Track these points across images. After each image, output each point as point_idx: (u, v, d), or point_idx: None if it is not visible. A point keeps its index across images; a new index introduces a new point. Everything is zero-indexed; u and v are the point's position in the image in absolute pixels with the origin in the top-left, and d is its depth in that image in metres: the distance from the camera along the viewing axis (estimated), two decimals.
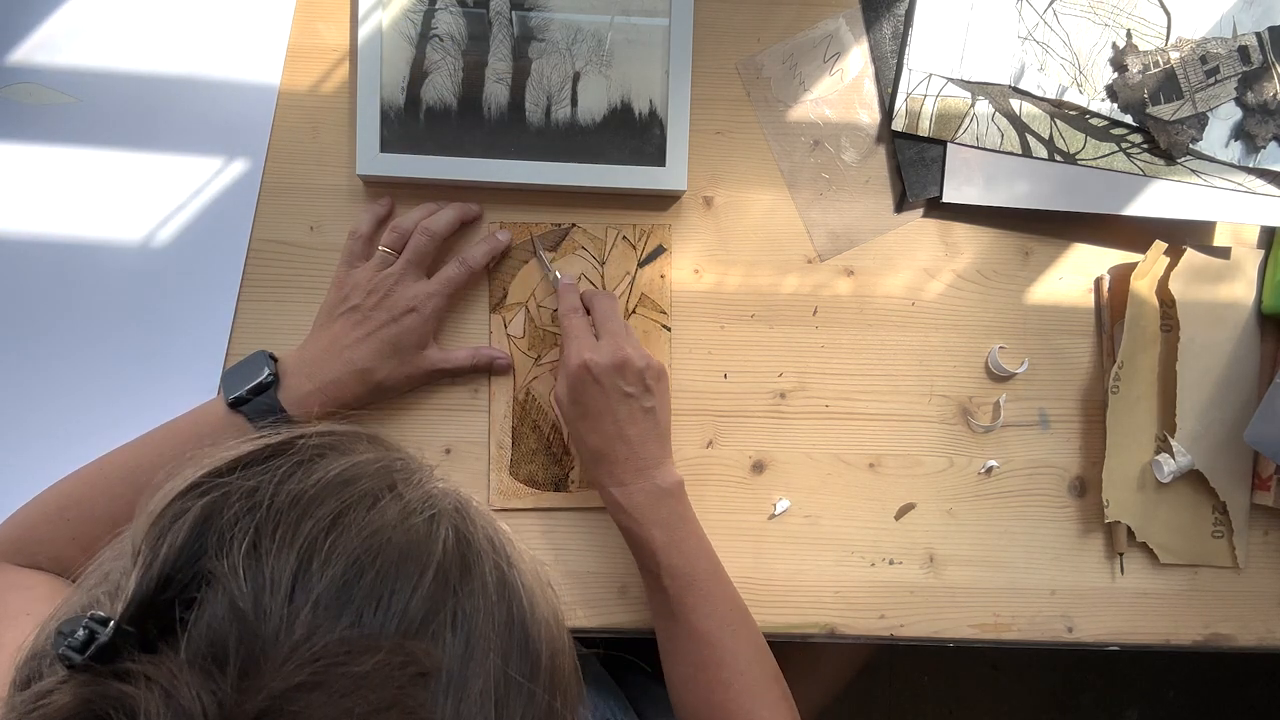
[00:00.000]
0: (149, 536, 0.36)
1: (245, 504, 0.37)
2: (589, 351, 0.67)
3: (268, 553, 0.35)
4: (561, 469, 0.76)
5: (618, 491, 0.67)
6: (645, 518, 0.66)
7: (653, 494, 0.67)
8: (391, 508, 0.39)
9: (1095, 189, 0.77)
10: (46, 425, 0.73)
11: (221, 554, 0.35)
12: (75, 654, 0.32)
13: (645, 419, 0.68)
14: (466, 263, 0.72)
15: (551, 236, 0.76)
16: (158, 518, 0.37)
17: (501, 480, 0.75)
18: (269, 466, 0.39)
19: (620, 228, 0.76)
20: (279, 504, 0.37)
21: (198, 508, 0.36)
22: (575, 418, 0.68)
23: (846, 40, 0.78)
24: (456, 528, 0.40)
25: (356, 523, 0.37)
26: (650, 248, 0.77)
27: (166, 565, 0.34)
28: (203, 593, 0.34)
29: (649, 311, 0.76)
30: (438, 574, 0.38)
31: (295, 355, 0.69)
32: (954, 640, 0.78)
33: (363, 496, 0.38)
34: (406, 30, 0.73)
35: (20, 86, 0.74)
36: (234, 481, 0.38)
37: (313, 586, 0.35)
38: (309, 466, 0.39)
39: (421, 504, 0.40)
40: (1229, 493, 0.79)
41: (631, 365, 0.67)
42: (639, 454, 0.67)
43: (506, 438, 0.75)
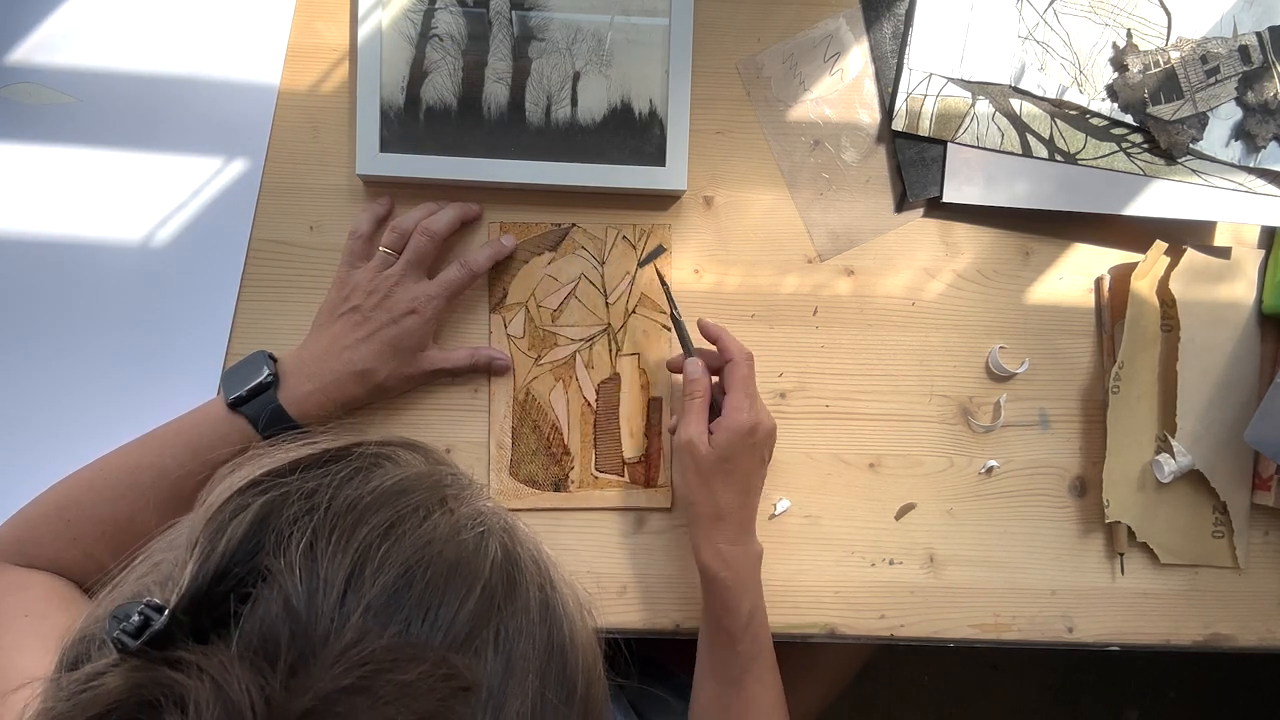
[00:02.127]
0: (207, 529, 0.36)
1: (303, 505, 0.37)
2: (753, 413, 0.68)
3: (323, 554, 0.36)
4: (561, 469, 0.76)
5: (727, 549, 0.68)
6: (743, 580, 0.68)
7: (754, 557, 0.69)
8: (443, 521, 0.39)
9: (1095, 189, 0.77)
10: (46, 425, 0.73)
11: (279, 552, 0.35)
12: (129, 638, 0.32)
13: (760, 487, 0.71)
14: (468, 265, 0.72)
15: (551, 237, 0.76)
16: (217, 511, 0.37)
17: (501, 480, 0.75)
18: (328, 471, 0.39)
19: (620, 228, 0.76)
20: (336, 508, 0.37)
21: (257, 505, 0.37)
22: (716, 472, 0.67)
23: (847, 40, 0.78)
24: (504, 546, 0.41)
25: (409, 533, 0.38)
26: (650, 248, 0.77)
27: (224, 558, 0.35)
28: (258, 589, 0.34)
29: (649, 311, 0.76)
30: (484, 591, 0.38)
31: (295, 355, 0.69)
32: (954, 640, 0.78)
33: (416, 508, 0.39)
34: (406, 30, 0.73)
35: (20, 86, 0.74)
36: (293, 482, 0.38)
37: (364, 592, 0.35)
38: (366, 474, 0.40)
39: (471, 520, 0.41)
40: (1229, 493, 0.79)
41: (774, 435, 0.70)
42: (749, 519, 0.70)
43: (506, 438, 0.75)
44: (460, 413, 0.75)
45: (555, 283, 0.76)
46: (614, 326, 0.76)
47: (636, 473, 0.76)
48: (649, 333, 0.77)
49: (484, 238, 0.76)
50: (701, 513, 0.68)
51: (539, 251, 0.76)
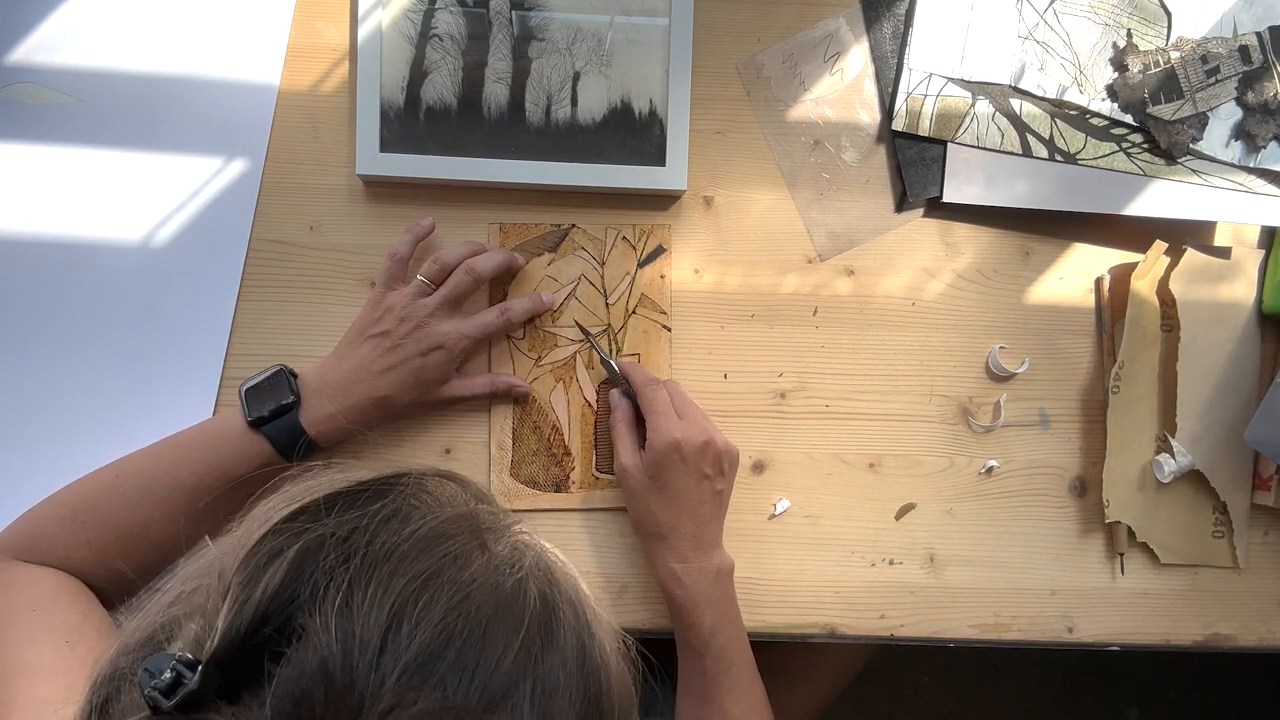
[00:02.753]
0: (240, 573, 0.35)
1: (340, 552, 0.36)
2: (679, 430, 0.68)
3: (358, 609, 0.35)
4: (562, 470, 0.76)
5: (679, 567, 0.68)
6: (700, 596, 0.68)
7: (710, 573, 0.69)
8: (480, 568, 0.38)
9: (1095, 189, 0.77)
10: (47, 424, 0.73)
11: (314, 606, 0.34)
12: (162, 697, 0.31)
13: (713, 501, 0.70)
14: (508, 314, 0.72)
15: (551, 237, 0.76)
16: (250, 552, 0.36)
17: (502, 481, 0.75)
18: (365, 512, 0.38)
19: (620, 228, 0.76)
20: (373, 556, 0.36)
21: (293, 552, 0.36)
22: (649, 491, 0.69)
23: (847, 40, 0.78)
24: (542, 591, 0.40)
25: (447, 585, 0.37)
26: (650, 248, 0.77)
27: (259, 609, 0.34)
28: (292, 648, 0.34)
29: (649, 312, 0.76)
30: (522, 644, 0.37)
31: (318, 374, 0.69)
32: (954, 640, 0.78)
33: (455, 556, 0.38)
34: (406, 30, 0.73)
35: (20, 86, 0.74)
36: (329, 524, 0.37)
37: (401, 652, 0.34)
38: (403, 516, 0.39)
39: (510, 563, 0.40)
40: (1229, 493, 0.79)
41: (714, 447, 0.69)
42: (703, 533, 0.69)
43: (507, 439, 0.75)
44: (461, 414, 0.75)
45: (555, 283, 0.76)
46: (614, 327, 0.76)
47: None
48: (649, 333, 0.77)
49: (483, 238, 0.76)
50: (648, 532, 0.70)
51: (539, 252, 0.76)
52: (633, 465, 0.70)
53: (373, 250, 0.75)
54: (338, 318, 0.74)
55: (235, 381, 0.73)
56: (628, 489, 0.71)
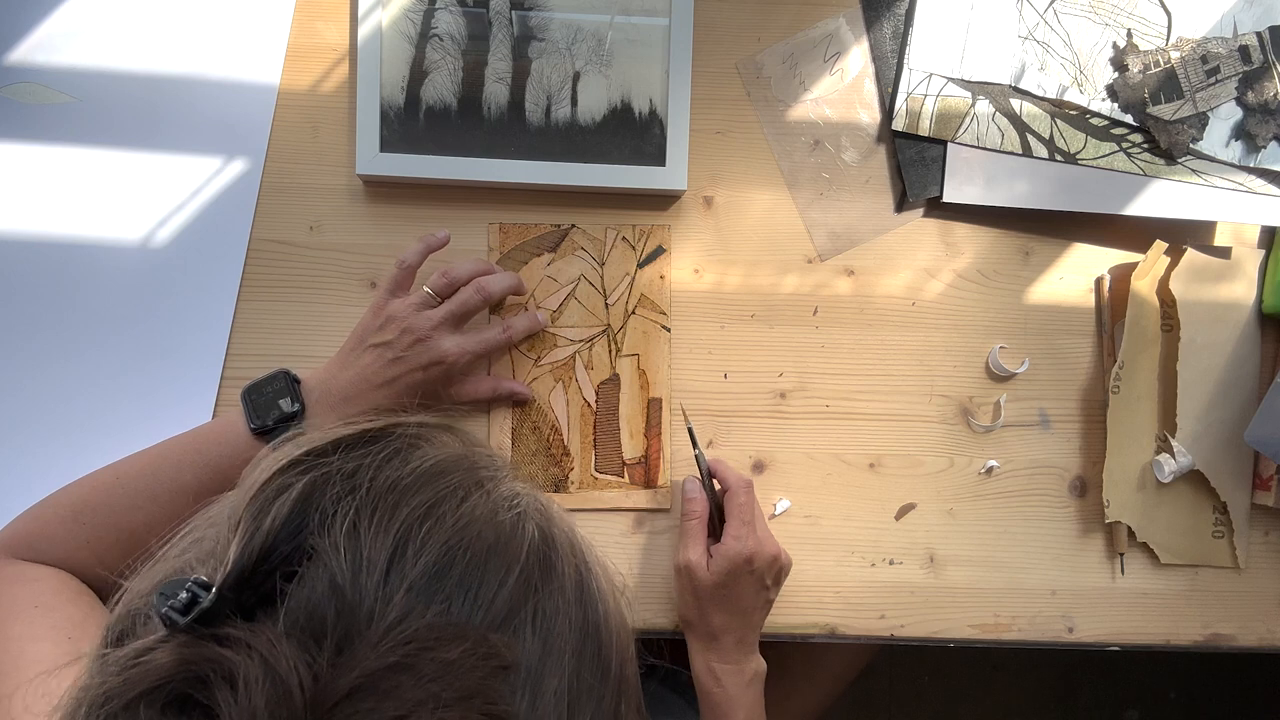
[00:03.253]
0: (250, 507, 0.37)
1: (345, 485, 0.38)
2: (753, 543, 0.69)
3: (366, 534, 0.36)
4: (561, 470, 0.76)
5: (720, 667, 0.70)
6: (738, 699, 0.69)
7: (747, 675, 0.70)
8: (480, 503, 0.40)
9: (1096, 189, 0.77)
10: (47, 424, 0.73)
11: (323, 531, 0.36)
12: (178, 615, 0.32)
13: (764, 609, 0.72)
14: (509, 332, 0.72)
15: (551, 237, 0.76)
16: (260, 490, 0.38)
17: None
18: (368, 451, 0.40)
19: (619, 228, 0.76)
20: (377, 488, 0.38)
21: (301, 484, 0.37)
22: (714, 597, 0.70)
23: (847, 40, 0.78)
24: (540, 527, 0.42)
25: (449, 514, 0.38)
26: (650, 248, 0.77)
27: (269, 537, 0.35)
28: (304, 567, 0.35)
29: (649, 312, 0.76)
30: (523, 571, 0.39)
31: (320, 383, 0.68)
32: (954, 640, 0.78)
33: (454, 490, 0.40)
34: (406, 30, 0.73)
35: (20, 86, 0.74)
36: (334, 462, 0.39)
37: (407, 571, 0.36)
38: (404, 455, 0.41)
39: (507, 501, 0.41)
40: (1230, 493, 0.79)
41: (779, 562, 0.71)
42: (751, 638, 0.71)
43: (506, 439, 0.75)
44: (459, 414, 0.75)
45: (555, 284, 0.76)
46: (614, 327, 0.76)
47: (636, 474, 0.76)
48: (649, 334, 0.77)
49: (482, 238, 0.76)
50: (697, 632, 0.71)
51: (538, 253, 0.76)
52: (700, 568, 0.70)
53: (373, 250, 0.75)
54: (338, 318, 0.74)
55: (235, 381, 0.73)
56: (688, 588, 0.71)
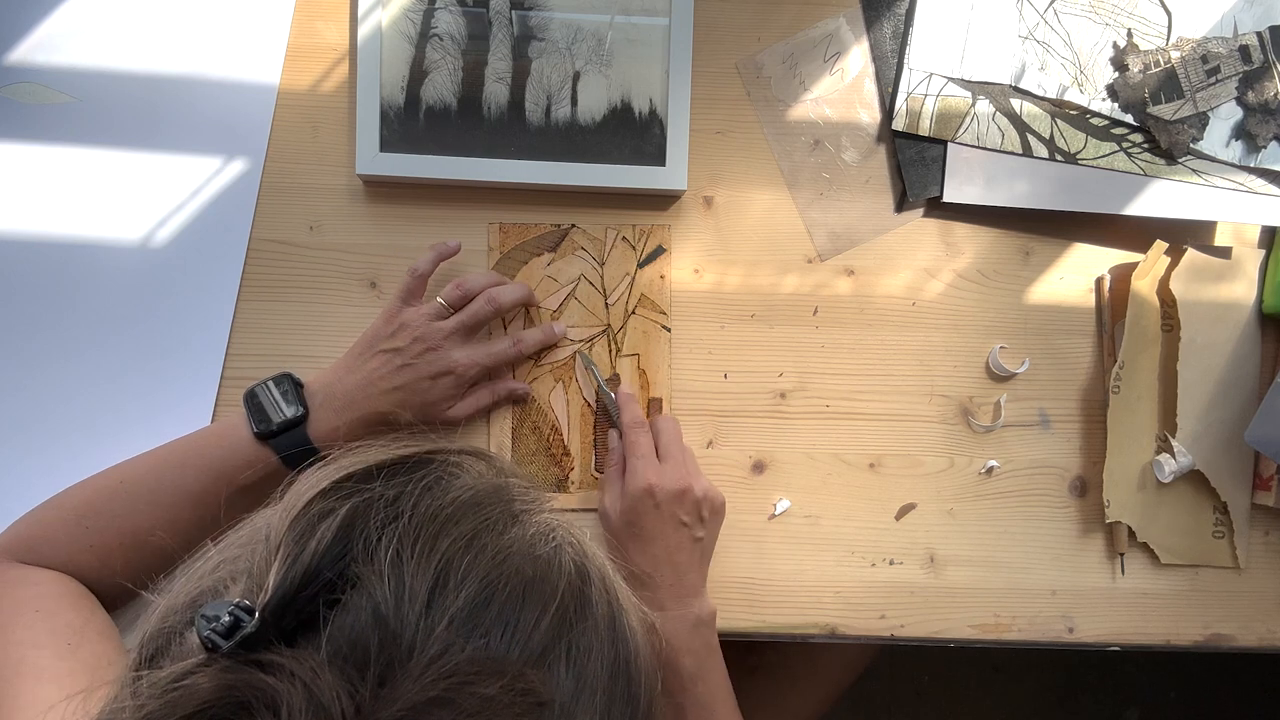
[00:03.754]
0: (292, 531, 0.37)
1: (389, 512, 0.38)
2: (654, 476, 0.68)
3: (409, 563, 0.36)
4: (561, 470, 0.76)
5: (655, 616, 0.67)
6: (679, 645, 0.67)
7: (689, 622, 0.68)
8: (519, 535, 0.40)
9: (1096, 189, 0.77)
10: (47, 424, 0.73)
11: (367, 558, 0.36)
12: (220, 639, 0.32)
13: (693, 548, 0.69)
14: (519, 345, 0.72)
15: (551, 237, 0.76)
16: (300, 513, 0.37)
17: None
18: (409, 479, 0.40)
19: (619, 228, 0.76)
20: (419, 516, 0.38)
21: (344, 510, 0.37)
22: (626, 537, 0.69)
23: (847, 40, 0.78)
24: (576, 562, 0.42)
25: (489, 546, 0.38)
26: (650, 248, 0.77)
27: (314, 560, 0.35)
28: (347, 594, 0.35)
29: (649, 312, 0.76)
30: (559, 607, 0.39)
31: (324, 386, 0.68)
32: (954, 640, 0.78)
33: (493, 522, 0.40)
34: (406, 30, 0.73)
35: (20, 86, 0.74)
36: (376, 488, 0.39)
37: (448, 604, 0.35)
38: (445, 484, 0.41)
39: (544, 534, 0.41)
40: (1230, 493, 0.78)
41: (692, 495, 0.69)
42: (681, 581, 0.68)
43: (506, 439, 0.75)
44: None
45: (555, 284, 0.76)
46: (614, 327, 0.76)
47: None
48: (649, 334, 0.77)
49: (483, 238, 0.76)
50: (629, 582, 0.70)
51: (538, 252, 0.76)
52: (611, 509, 0.70)
53: (373, 250, 0.75)
54: (338, 317, 0.74)
55: (235, 381, 0.73)
56: (607, 532, 0.71)
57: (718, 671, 0.69)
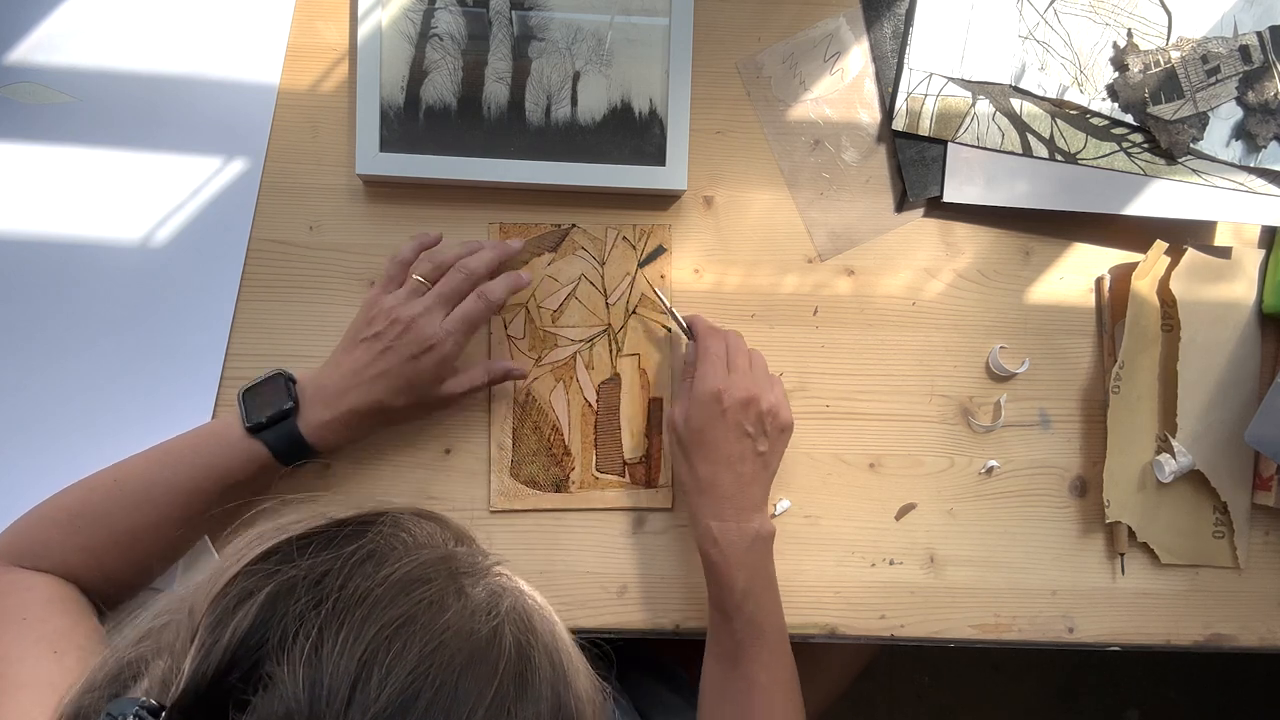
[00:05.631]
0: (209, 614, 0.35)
1: (312, 596, 0.35)
2: (722, 381, 0.67)
3: (329, 656, 0.34)
4: (562, 470, 0.76)
5: (716, 525, 0.67)
6: (735, 558, 0.67)
7: (748, 536, 0.67)
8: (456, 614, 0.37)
9: (1096, 189, 0.77)
10: (46, 424, 0.73)
11: (282, 654, 0.34)
12: None
13: (756, 461, 0.68)
14: (485, 296, 0.69)
15: (551, 237, 0.76)
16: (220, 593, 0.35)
17: (503, 482, 0.75)
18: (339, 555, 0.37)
19: (620, 228, 0.76)
20: (345, 600, 0.36)
21: (264, 595, 0.35)
22: (691, 443, 0.68)
23: (847, 40, 0.78)
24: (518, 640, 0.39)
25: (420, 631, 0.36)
26: (650, 248, 0.77)
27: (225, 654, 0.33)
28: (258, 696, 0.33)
29: (649, 311, 0.76)
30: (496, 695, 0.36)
31: (315, 380, 0.68)
32: (954, 640, 0.78)
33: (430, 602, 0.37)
34: (406, 30, 0.73)
35: (20, 86, 0.74)
36: (302, 564, 0.36)
37: (370, 703, 0.33)
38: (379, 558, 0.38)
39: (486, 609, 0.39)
40: (1230, 493, 0.78)
41: (758, 405, 0.68)
42: (744, 493, 0.68)
43: (507, 439, 0.75)
44: (460, 414, 0.75)
45: (555, 283, 0.76)
46: (614, 327, 0.76)
47: (637, 473, 0.76)
48: (649, 333, 0.77)
49: (483, 238, 0.76)
50: (688, 488, 0.69)
51: (539, 252, 0.76)
52: (679, 417, 0.69)
53: (373, 250, 0.75)
54: (338, 318, 0.74)
55: (235, 381, 0.73)
56: (673, 441, 0.70)
57: (770, 591, 0.69)
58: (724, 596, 0.67)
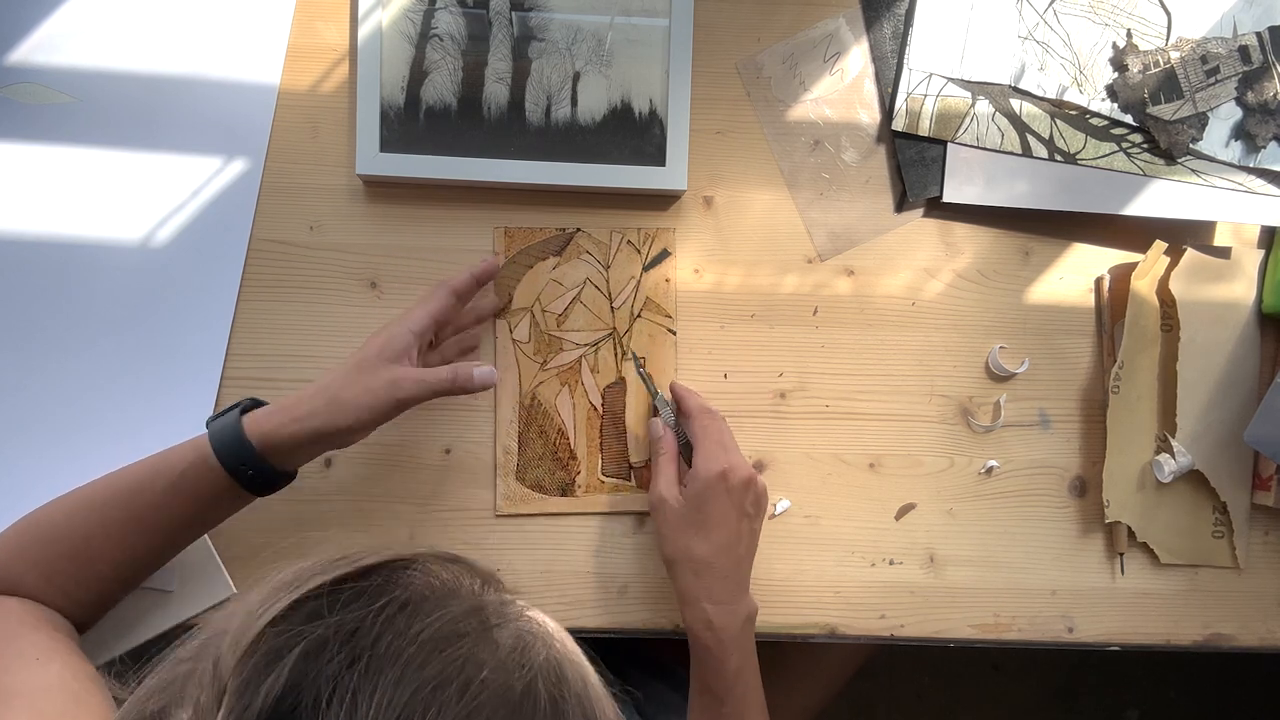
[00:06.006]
0: (237, 674, 0.34)
1: (345, 655, 0.34)
2: (728, 461, 0.67)
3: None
4: (568, 474, 0.76)
5: (711, 609, 0.66)
6: (730, 641, 0.66)
7: (740, 618, 0.67)
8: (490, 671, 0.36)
9: (1095, 189, 0.77)
10: (46, 425, 0.73)
11: (316, 716, 0.33)
12: None
13: (750, 540, 0.68)
14: (448, 283, 0.68)
15: (556, 241, 0.76)
16: (248, 652, 0.35)
17: (509, 486, 0.75)
18: (370, 610, 0.36)
19: (624, 231, 0.76)
20: (378, 659, 0.35)
21: (294, 656, 0.34)
22: (689, 524, 0.67)
23: (846, 40, 0.78)
24: (551, 695, 0.38)
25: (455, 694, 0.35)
26: (655, 252, 0.77)
27: None
28: None
29: (654, 315, 0.76)
30: None
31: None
32: (954, 640, 0.78)
33: (463, 662, 0.36)
34: (406, 30, 0.73)
35: (20, 86, 0.74)
36: (331, 622, 0.35)
37: None
38: (410, 611, 0.37)
39: (519, 662, 0.38)
40: (1229, 493, 0.79)
41: (755, 486, 0.68)
42: (738, 573, 0.68)
43: (513, 443, 0.75)
44: (461, 412, 0.75)
45: (560, 287, 0.76)
46: (619, 331, 0.76)
47: (643, 476, 0.76)
48: (654, 337, 0.77)
49: (484, 238, 0.76)
50: (683, 569, 0.67)
51: (543, 256, 0.76)
52: (672, 496, 0.68)
53: (373, 250, 0.75)
54: (338, 318, 0.74)
55: (235, 381, 0.74)
56: (665, 521, 0.68)
57: (755, 669, 0.68)
58: (715, 680, 0.66)
